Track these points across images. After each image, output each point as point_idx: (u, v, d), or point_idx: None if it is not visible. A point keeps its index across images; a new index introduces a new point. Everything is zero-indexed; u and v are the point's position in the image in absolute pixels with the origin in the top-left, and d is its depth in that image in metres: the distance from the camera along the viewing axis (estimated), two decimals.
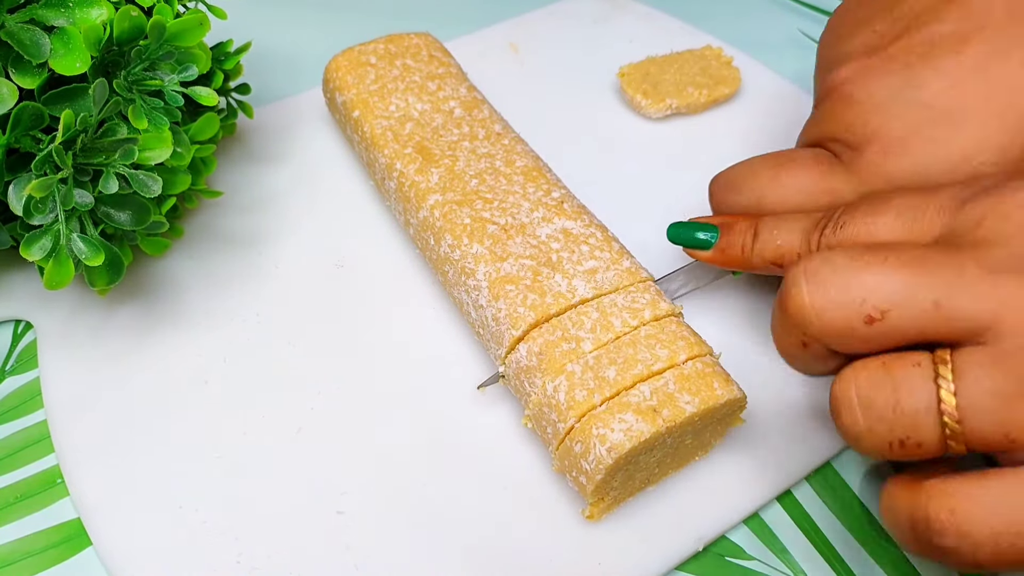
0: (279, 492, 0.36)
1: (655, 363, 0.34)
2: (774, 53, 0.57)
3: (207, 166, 0.43)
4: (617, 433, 0.32)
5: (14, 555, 0.35)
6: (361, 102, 0.45)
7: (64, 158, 0.33)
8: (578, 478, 0.33)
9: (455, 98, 0.45)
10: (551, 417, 0.34)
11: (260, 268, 0.44)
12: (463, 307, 0.39)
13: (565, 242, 0.38)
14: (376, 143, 0.43)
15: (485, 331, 0.37)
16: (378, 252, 0.45)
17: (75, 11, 0.35)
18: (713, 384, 0.34)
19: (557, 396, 0.34)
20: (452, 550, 0.34)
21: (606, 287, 0.37)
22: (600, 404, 0.33)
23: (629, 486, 0.35)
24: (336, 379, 0.40)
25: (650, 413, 0.32)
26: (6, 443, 0.38)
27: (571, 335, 0.35)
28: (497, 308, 0.36)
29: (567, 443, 0.33)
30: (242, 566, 0.34)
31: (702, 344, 0.35)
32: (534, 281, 0.36)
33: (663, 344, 0.35)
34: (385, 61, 0.47)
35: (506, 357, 0.36)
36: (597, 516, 0.35)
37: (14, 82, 0.34)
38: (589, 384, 0.33)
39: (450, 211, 0.39)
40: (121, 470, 0.36)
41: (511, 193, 0.40)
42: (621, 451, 0.32)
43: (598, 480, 0.32)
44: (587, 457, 0.32)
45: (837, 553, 0.36)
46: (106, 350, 0.40)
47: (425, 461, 0.37)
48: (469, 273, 0.38)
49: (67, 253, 0.34)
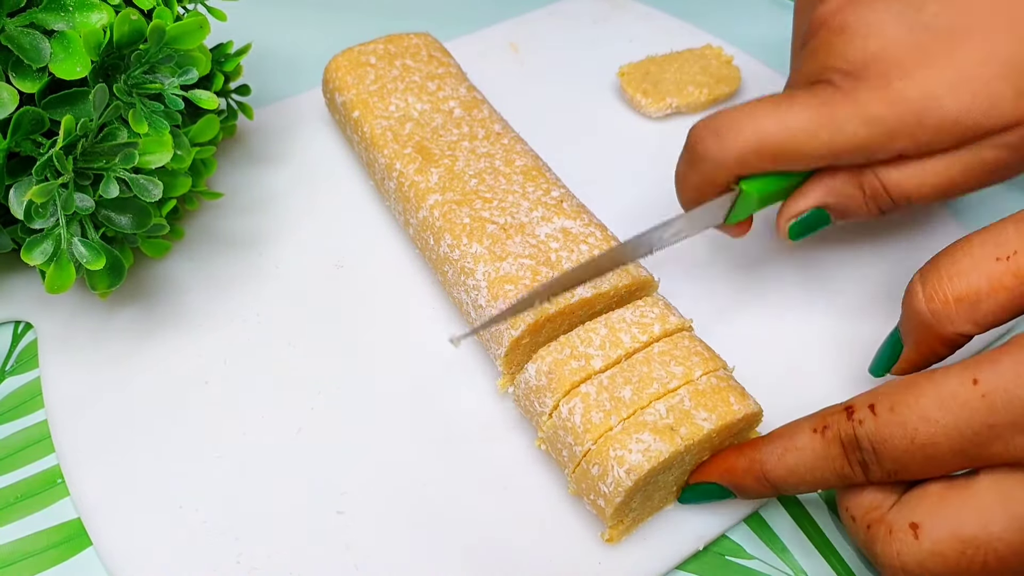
0: (279, 492, 0.36)
1: (671, 381, 0.33)
2: (774, 53, 0.57)
3: (207, 168, 0.43)
4: (635, 454, 0.31)
5: (15, 555, 0.35)
6: (361, 102, 0.45)
7: (65, 163, 0.33)
8: (596, 501, 0.33)
9: (455, 98, 0.45)
10: (567, 440, 0.33)
11: (260, 269, 0.44)
12: (463, 307, 0.39)
13: (564, 241, 0.38)
14: (376, 143, 0.43)
15: (484, 331, 0.37)
16: (378, 252, 0.45)
17: (75, 15, 0.35)
18: (729, 399, 0.33)
19: (573, 418, 0.33)
20: (452, 550, 0.35)
21: (605, 287, 0.36)
22: (617, 425, 0.32)
23: (648, 506, 0.34)
24: (336, 379, 0.40)
25: (667, 432, 0.32)
26: (6, 443, 0.38)
27: (580, 352, 0.34)
28: (496, 308, 0.36)
29: (584, 466, 0.33)
30: (242, 566, 0.34)
31: (716, 358, 0.35)
32: (533, 280, 0.36)
33: (677, 361, 0.34)
34: (385, 61, 0.47)
35: (505, 358, 0.36)
36: (616, 539, 0.34)
37: (14, 86, 0.34)
38: (605, 405, 0.33)
39: (449, 211, 0.39)
40: (121, 470, 0.37)
41: (510, 192, 0.40)
42: (640, 472, 0.31)
43: (617, 503, 0.32)
44: (605, 480, 0.32)
45: (837, 552, 0.36)
46: (106, 351, 0.41)
47: (425, 461, 0.37)
48: (468, 273, 0.38)
49: (68, 257, 0.34)
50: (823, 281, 0.43)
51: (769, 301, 0.42)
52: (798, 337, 0.41)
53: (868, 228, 0.45)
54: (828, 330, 0.41)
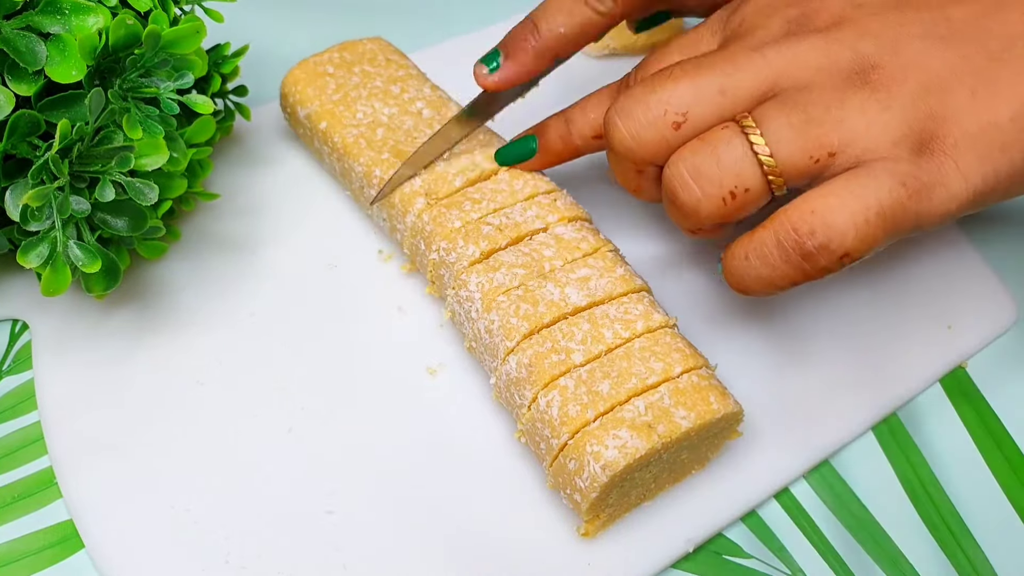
0: (269, 492, 0.36)
1: (649, 376, 0.33)
2: None
3: (203, 169, 0.43)
4: (611, 450, 0.31)
5: (10, 556, 0.35)
6: (327, 113, 0.44)
7: (61, 167, 0.33)
8: (572, 496, 0.33)
9: (421, 99, 0.45)
10: (544, 433, 0.34)
11: (254, 270, 0.44)
12: (455, 316, 0.39)
13: (558, 249, 0.38)
14: (350, 152, 0.43)
15: (478, 343, 0.37)
16: (371, 253, 0.45)
17: (71, 18, 0.35)
18: (709, 398, 0.33)
19: (550, 411, 0.33)
20: (440, 550, 0.35)
21: (599, 295, 0.36)
22: (594, 420, 0.32)
23: (625, 502, 0.35)
24: (328, 380, 0.40)
25: (645, 429, 0.32)
26: (2, 443, 0.39)
27: (561, 346, 0.34)
28: (490, 320, 0.36)
29: (561, 460, 0.33)
30: (231, 565, 0.34)
31: (697, 356, 0.35)
32: (526, 291, 0.36)
33: (657, 357, 0.34)
34: (343, 69, 0.46)
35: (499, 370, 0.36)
36: (592, 533, 0.35)
37: (10, 89, 0.34)
38: (582, 399, 0.33)
39: (439, 214, 0.39)
40: (113, 470, 0.37)
41: (498, 192, 0.40)
42: (616, 469, 0.31)
43: (593, 498, 0.32)
44: (581, 475, 0.32)
45: (835, 551, 0.36)
46: (100, 352, 0.41)
47: (414, 462, 0.37)
48: (462, 284, 0.37)
49: (64, 260, 0.34)
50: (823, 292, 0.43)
51: (758, 303, 0.43)
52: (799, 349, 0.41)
53: None
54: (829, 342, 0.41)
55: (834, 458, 0.39)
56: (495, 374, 0.36)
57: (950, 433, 0.39)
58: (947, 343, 0.41)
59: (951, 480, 0.38)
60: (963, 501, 0.37)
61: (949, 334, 0.41)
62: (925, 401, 0.40)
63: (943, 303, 0.42)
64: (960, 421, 0.40)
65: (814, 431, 0.38)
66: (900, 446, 0.39)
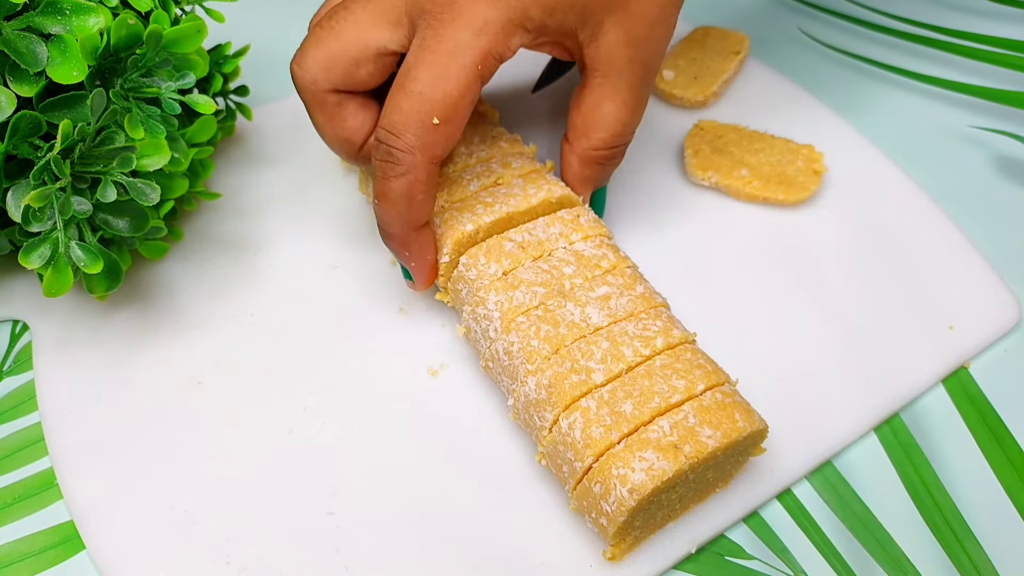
0: (270, 493, 0.36)
1: (672, 395, 0.32)
2: (774, 52, 0.57)
3: (205, 169, 0.43)
4: (638, 473, 0.31)
5: (12, 556, 0.35)
6: None
7: (62, 167, 0.33)
8: (598, 520, 0.32)
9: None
10: (567, 456, 0.33)
11: (256, 270, 0.44)
12: (470, 334, 0.38)
13: (578, 267, 0.37)
14: None
15: (495, 363, 0.36)
16: (372, 254, 0.45)
17: (72, 19, 0.35)
18: (735, 415, 0.32)
19: (573, 433, 0.32)
20: (441, 550, 0.35)
21: (620, 314, 0.35)
22: (618, 441, 0.32)
23: (651, 524, 0.34)
24: (329, 381, 0.40)
25: (671, 450, 0.31)
26: (3, 444, 0.39)
27: (580, 366, 0.33)
28: (509, 342, 0.35)
29: (585, 483, 0.32)
30: (232, 566, 0.34)
31: (719, 372, 0.34)
32: (546, 311, 0.35)
33: (679, 374, 0.33)
34: None
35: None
36: (619, 557, 0.34)
37: (12, 90, 0.34)
38: (605, 420, 0.32)
39: (451, 216, 0.39)
40: (113, 472, 0.37)
41: (511, 196, 0.39)
42: (644, 492, 0.30)
43: (620, 522, 0.31)
44: (607, 499, 0.31)
45: (837, 552, 0.36)
46: (101, 353, 0.41)
47: (415, 463, 0.37)
48: (480, 301, 0.36)
49: (66, 261, 0.34)
50: (827, 293, 0.43)
51: (773, 315, 0.42)
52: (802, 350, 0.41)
53: (873, 242, 0.45)
54: (832, 343, 0.41)
55: (837, 459, 0.39)
56: (512, 395, 0.35)
57: (953, 434, 0.39)
58: (949, 344, 0.41)
59: (953, 481, 0.38)
60: (965, 502, 0.37)
61: (951, 335, 0.41)
62: (928, 402, 0.40)
63: (945, 304, 0.42)
64: (963, 422, 0.40)
65: (816, 432, 0.38)
66: (903, 447, 0.39)
